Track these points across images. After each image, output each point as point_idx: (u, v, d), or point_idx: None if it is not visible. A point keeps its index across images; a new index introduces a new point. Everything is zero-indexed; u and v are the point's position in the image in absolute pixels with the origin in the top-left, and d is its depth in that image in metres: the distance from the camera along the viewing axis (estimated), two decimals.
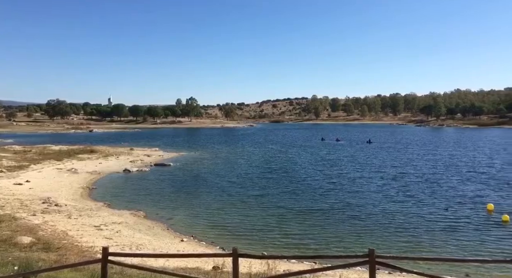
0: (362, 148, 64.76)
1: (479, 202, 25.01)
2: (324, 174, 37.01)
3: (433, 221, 21.02)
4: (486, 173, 36.62)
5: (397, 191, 28.78)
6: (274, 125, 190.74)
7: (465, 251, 16.34)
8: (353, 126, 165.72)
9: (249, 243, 17.47)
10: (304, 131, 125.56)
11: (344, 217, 21.67)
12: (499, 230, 19.50)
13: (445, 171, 37.98)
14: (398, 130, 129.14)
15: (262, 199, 26.60)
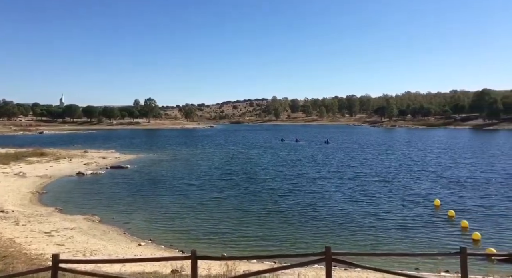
0: (320, 148, 66.35)
1: (428, 198, 26.49)
2: (284, 175, 37.50)
3: (386, 218, 21.97)
4: (434, 171, 38.82)
5: (354, 190, 29.76)
6: (234, 126, 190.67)
7: (415, 245, 17.19)
8: (312, 127, 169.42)
9: (209, 245, 17.33)
10: (264, 132, 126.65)
11: (303, 217, 22.06)
12: (445, 225, 20.75)
13: (398, 170, 39.83)
14: (354, 130, 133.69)
15: (222, 201, 26.47)
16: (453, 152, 57.17)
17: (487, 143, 74.36)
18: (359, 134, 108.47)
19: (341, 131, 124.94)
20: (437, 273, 11.40)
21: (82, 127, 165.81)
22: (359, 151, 61.48)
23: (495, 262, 14.75)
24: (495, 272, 12.89)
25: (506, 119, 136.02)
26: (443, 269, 13.11)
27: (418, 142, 78.12)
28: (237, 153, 60.72)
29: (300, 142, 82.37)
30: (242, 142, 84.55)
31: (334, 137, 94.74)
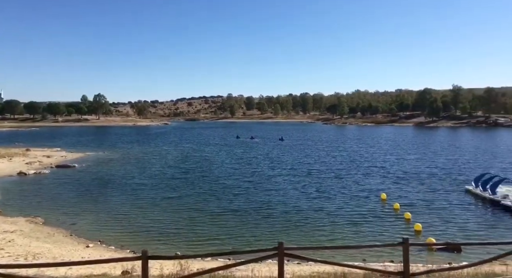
0: (275, 146, 67.26)
1: (376, 193, 27.82)
2: (239, 173, 37.56)
3: (337, 213, 22.77)
4: (382, 167, 40.83)
5: (308, 187, 30.50)
6: (189, 124, 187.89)
7: (363, 238, 17.99)
8: (267, 124, 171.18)
9: (162, 245, 16.98)
10: (220, 130, 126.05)
11: (258, 215, 22.24)
12: (391, 217, 21.92)
13: (349, 166, 41.38)
14: (308, 128, 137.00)
15: (176, 200, 25.99)
16: (399, 148, 60.41)
17: (429, 140, 79.41)
18: (312, 132, 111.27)
19: (295, 129, 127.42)
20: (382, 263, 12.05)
21: (24, 124, 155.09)
22: (312, 148, 63.08)
23: (435, 251, 15.86)
24: (434, 260, 13.82)
25: (445, 117, 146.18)
26: (388, 259, 13.86)
27: (367, 139, 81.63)
28: (192, 150, 59.93)
29: (255, 139, 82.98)
30: (197, 140, 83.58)
31: (289, 134, 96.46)
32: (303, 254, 7.84)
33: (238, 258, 12.18)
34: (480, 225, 20.29)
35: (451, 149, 59.24)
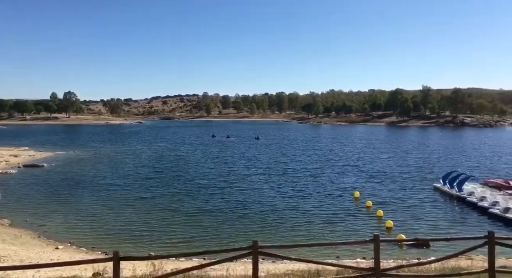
0: (251, 145, 67.34)
1: (349, 191, 28.37)
2: (215, 172, 37.38)
3: (312, 211, 23.08)
4: (356, 165, 41.66)
5: (283, 186, 30.73)
6: (164, 123, 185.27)
7: (337, 235, 18.32)
8: (243, 123, 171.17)
9: (135, 246, 16.68)
10: (195, 129, 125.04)
11: (234, 215, 22.22)
12: (363, 215, 22.43)
13: (324, 165, 41.97)
14: (283, 127, 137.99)
15: (149, 201, 25.56)
16: (372, 147, 61.82)
17: (400, 139, 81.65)
18: (288, 131, 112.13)
19: (271, 128, 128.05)
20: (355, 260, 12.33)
21: None
22: (288, 147, 63.57)
23: (405, 247, 16.35)
24: (404, 256, 14.24)
25: (415, 117, 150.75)
26: (361, 256, 14.18)
27: (341, 138, 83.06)
28: (167, 150, 59.14)
29: (231, 138, 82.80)
30: (172, 139, 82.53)
31: (264, 133, 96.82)
32: (277, 252, 7.89)
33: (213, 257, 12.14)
34: (448, 221, 21.07)
35: (421, 148, 61.16)
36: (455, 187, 26.42)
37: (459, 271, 8.38)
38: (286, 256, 7.65)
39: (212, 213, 22.55)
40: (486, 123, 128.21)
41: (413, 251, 15.44)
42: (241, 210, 23.22)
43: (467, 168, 37.99)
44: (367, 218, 21.70)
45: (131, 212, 22.66)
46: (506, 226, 19.71)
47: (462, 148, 60.73)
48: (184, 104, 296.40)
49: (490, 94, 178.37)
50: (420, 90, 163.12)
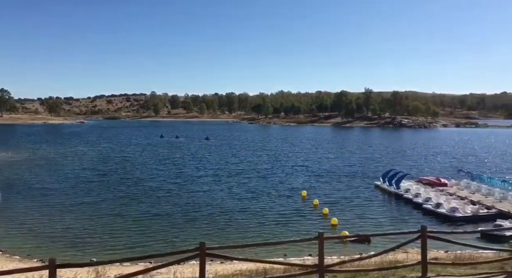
0: (201, 145, 66.66)
1: (297, 190, 29.12)
2: (163, 174, 36.49)
3: (261, 211, 23.39)
4: (304, 165, 42.81)
5: (233, 187, 30.77)
6: (109, 123, 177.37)
7: (285, 234, 18.73)
8: (192, 123, 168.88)
9: (76, 253, 15.84)
10: (143, 129, 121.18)
11: (183, 217, 21.84)
12: (310, 213, 23.15)
13: (273, 165, 42.62)
14: (234, 127, 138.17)
15: (91, 205, 24.28)
16: (319, 148, 63.92)
17: (345, 139, 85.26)
18: (238, 131, 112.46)
19: (221, 128, 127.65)
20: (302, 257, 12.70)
21: None
22: (238, 147, 63.78)
23: (348, 243, 17.12)
24: (347, 252, 14.94)
25: (359, 118, 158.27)
26: (307, 253, 14.62)
27: (290, 138, 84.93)
28: (111, 151, 56.69)
29: (181, 138, 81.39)
30: (118, 139, 79.28)
31: (215, 134, 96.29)
32: (225, 253, 7.91)
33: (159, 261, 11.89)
34: (387, 217, 22.39)
35: (364, 147, 64.32)
36: (393, 184, 28.13)
37: (396, 264, 8.93)
38: (234, 257, 7.70)
39: (160, 216, 21.98)
40: (421, 124, 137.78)
41: (355, 247, 16.21)
42: (190, 212, 22.90)
43: (404, 166, 40.59)
44: (314, 216, 22.42)
45: (71, 218, 21.42)
46: (438, 220, 21.34)
47: (400, 147, 64.76)
48: (130, 103, 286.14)
49: (424, 97, 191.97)
50: (363, 92, 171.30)
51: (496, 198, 24.22)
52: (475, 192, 26.20)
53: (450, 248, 13.21)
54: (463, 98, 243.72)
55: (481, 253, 10.97)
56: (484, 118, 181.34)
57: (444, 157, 51.10)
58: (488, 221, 19.86)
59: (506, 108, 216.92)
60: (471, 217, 20.99)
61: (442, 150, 60.47)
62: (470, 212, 21.50)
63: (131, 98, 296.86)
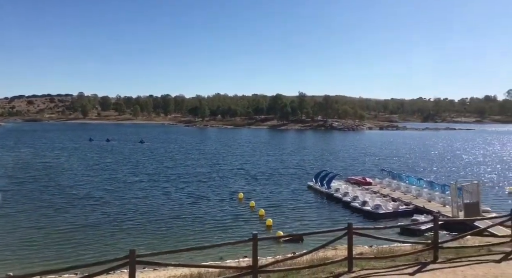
0: (135, 149, 64.08)
1: (234, 193, 29.32)
2: (93, 181, 34.37)
3: (197, 215, 23.16)
4: (241, 168, 43.18)
5: (170, 192, 30.01)
6: (30, 125, 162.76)
7: (223, 236, 18.75)
8: (125, 126, 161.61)
9: None
10: (69, 132, 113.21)
11: (114, 226, 20.75)
12: (247, 215, 23.46)
13: (211, 169, 42.33)
14: (170, 130, 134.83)
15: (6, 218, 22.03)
16: (256, 150, 64.90)
17: (281, 141, 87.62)
18: (174, 134, 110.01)
19: (156, 131, 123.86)
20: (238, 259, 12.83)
21: None
22: (176, 151, 62.42)
23: (282, 243, 17.64)
24: (281, 251, 15.39)
25: (293, 121, 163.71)
26: (243, 255, 14.79)
27: (227, 141, 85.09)
28: (32, 156, 52.14)
29: (112, 141, 77.50)
30: (40, 143, 73.16)
31: (150, 137, 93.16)
32: (157, 259, 7.74)
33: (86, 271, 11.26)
34: (319, 216, 23.47)
35: (298, 149, 66.65)
36: (324, 184, 29.55)
37: (325, 261, 9.42)
38: (166, 263, 7.56)
39: (89, 226, 20.63)
40: (350, 127, 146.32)
41: (289, 246, 16.76)
42: (124, 221, 21.83)
43: (335, 167, 42.82)
44: (250, 218, 22.74)
45: None
46: (364, 217, 22.86)
47: (332, 149, 68.19)
48: (55, 105, 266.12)
49: (352, 102, 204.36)
50: (297, 96, 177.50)
51: (413, 194, 26.59)
52: (396, 190, 28.51)
53: (374, 242, 14.19)
54: (386, 103, 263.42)
55: (400, 246, 11.95)
56: (404, 122, 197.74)
57: (370, 157, 54.83)
58: (407, 216, 21.73)
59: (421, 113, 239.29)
60: (392, 213, 22.80)
61: (368, 151, 64.80)
62: (391, 209, 23.33)
63: (55, 99, 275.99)
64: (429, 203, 24.38)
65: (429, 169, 43.48)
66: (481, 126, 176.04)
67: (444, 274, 8.81)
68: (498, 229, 14.84)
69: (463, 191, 20.44)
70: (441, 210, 22.17)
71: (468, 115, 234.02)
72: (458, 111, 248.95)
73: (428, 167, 45.22)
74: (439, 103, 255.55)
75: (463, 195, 20.38)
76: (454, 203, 20.85)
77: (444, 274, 8.78)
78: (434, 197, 24.94)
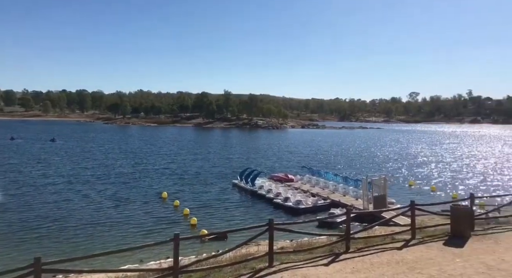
0: (45, 148, 58.60)
1: (158, 192, 28.47)
2: None
3: (120, 218, 22.02)
4: (166, 167, 41.93)
5: (87, 194, 28.11)
6: None
7: (146, 238, 18.07)
8: (33, 123, 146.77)
9: None
10: None
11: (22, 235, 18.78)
12: (171, 214, 22.94)
13: (134, 169, 40.39)
14: (87, 128, 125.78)
15: None
16: (182, 148, 63.59)
17: (206, 140, 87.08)
18: (93, 132, 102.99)
19: (71, 129, 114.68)
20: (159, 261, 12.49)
21: None
22: (95, 150, 58.43)
23: (206, 241, 17.60)
24: (206, 250, 15.36)
25: (219, 119, 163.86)
26: (166, 256, 14.46)
27: (151, 140, 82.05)
28: None
29: (18, 140, 69.98)
30: None
31: (63, 135, 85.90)
32: (68, 266, 7.23)
33: None
34: (243, 213, 23.84)
35: (224, 148, 66.86)
36: (249, 182, 30.10)
37: (247, 257, 9.64)
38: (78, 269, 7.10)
39: None
40: (274, 125, 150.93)
41: (213, 244, 16.79)
42: (33, 229, 19.70)
43: (259, 164, 43.84)
44: (175, 218, 22.27)
45: None
46: (286, 212, 23.78)
47: (257, 147, 69.66)
48: None
49: (276, 101, 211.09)
50: (223, 94, 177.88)
51: (330, 190, 28.34)
52: (315, 186, 30.12)
53: (295, 237, 14.85)
54: (307, 102, 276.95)
55: (318, 239, 12.66)
56: (323, 121, 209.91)
57: (293, 155, 57.14)
58: (325, 210, 23.11)
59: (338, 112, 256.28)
60: (312, 208, 24.07)
61: (291, 149, 67.47)
62: (311, 204, 24.61)
63: None
64: (344, 197, 26.22)
65: (346, 165, 46.71)
66: (389, 125, 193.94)
67: (354, 262, 9.59)
68: (401, 218, 16.52)
69: (372, 185, 22.35)
70: (354, 203, 23.97)
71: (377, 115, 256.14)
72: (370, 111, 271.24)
73: (345, 163, 48.56)
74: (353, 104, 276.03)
75: (372, 188, 22.29)
76: (365, 196, 22.71)
77: (354, 263, 9.55)
78: (348, 191, 26.89)
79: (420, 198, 26.81)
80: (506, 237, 12.00)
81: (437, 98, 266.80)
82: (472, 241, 11.44)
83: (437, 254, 10.24)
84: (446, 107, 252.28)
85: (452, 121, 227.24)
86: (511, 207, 16.45)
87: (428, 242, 11.38)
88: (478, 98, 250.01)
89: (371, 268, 9.17)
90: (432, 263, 9.52)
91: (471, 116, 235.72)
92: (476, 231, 12.48)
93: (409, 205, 12.04)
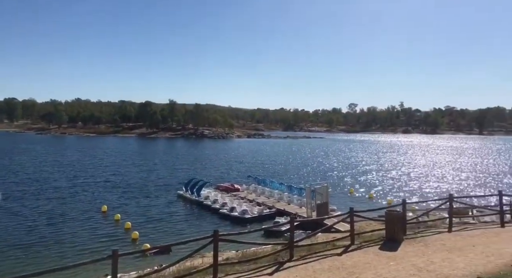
0: None
1: (97, 205, 27.04)
2: None
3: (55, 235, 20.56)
4: (106, 180, 39.90)
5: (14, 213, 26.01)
6: None
7: (82, 254, 17.04)
8: None
9: None
10: None
11: None
12: (111, 228, 21.89)
13: (71, 182, 37.95)
14: (17, 139, 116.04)
15: None
16: (124, 159, 60.96)
17: (150, 150, 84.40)
18: (24, 143, 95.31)
19: None
20: None
21: None
22: (27, 163, 54.00)
23: (149, 255, 17.00)
24: (148, 265, 14.82)
25: (164, 129, 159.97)
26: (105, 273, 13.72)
27: (91, 150, 77.80)
28: None
29: None
30: None
31: None
32: None
33: None
34: (188, 224, 23.41)
35: (169, 158, 65.25)
36: (194, 192, 29.67)
37: (190, 270, 9.48)
38: None
39: None
40: (220, 135, 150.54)
41: (156, 259, 16.25)
42: None
43: (205, 175, 43.40)
44: (115, 232, 21.29)
45: None
46: (232, 222, 23.74)
47: (203, 157, 68.90)
48: None
49: (222, 110, 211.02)
50: (168, 103, 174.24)
51: (275, 198, 28.83)
52: (260, 195, 30.47)
53: (241, 247, 14.86)
54: (253, 112, 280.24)
55: (263, 248, 12.80)
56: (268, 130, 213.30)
57: (239, 164, 57.32)
58: (270, 219, 23.42)
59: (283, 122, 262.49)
60: (258, 217, 24.28)
61: (238, 158, 67.68)
62: (256, 213, 24.83)
63: None
64: (289, 205, 26.81)
65: (291, 174, 47.79)
66: (331, 135, 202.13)
67: (298, 270, 9.83)
68: (341, 225, 17.25)
69: (315, 193, 23.12)
70: (298, 211, 24.58)
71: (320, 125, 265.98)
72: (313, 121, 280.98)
73: (290, 172, 49.68)
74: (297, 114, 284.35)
75: (315, 196, 23.05)
76: (309, 204, 23.40)
77: (298, 271, 9.79)
78: (292, 200, 27.54)
79: (359, 205, 28.19)
80: (434, 239, 13.02)
81: (373, 110, 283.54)
82: (405, 245, 12.26)
83: (373, 258, 10.83)
84: (381, 118, 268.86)
85: (387, 131, 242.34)
86: (439, 211, 17.90)
87: (366, 247, 12.01)
88: (409, 109, 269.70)
89: (313, 275, 9.46)
90: (369, 267, 10.05)
91: (403, 127, 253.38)
92: (408, 235, 13.39)
93: (348, 212, 12.64)
